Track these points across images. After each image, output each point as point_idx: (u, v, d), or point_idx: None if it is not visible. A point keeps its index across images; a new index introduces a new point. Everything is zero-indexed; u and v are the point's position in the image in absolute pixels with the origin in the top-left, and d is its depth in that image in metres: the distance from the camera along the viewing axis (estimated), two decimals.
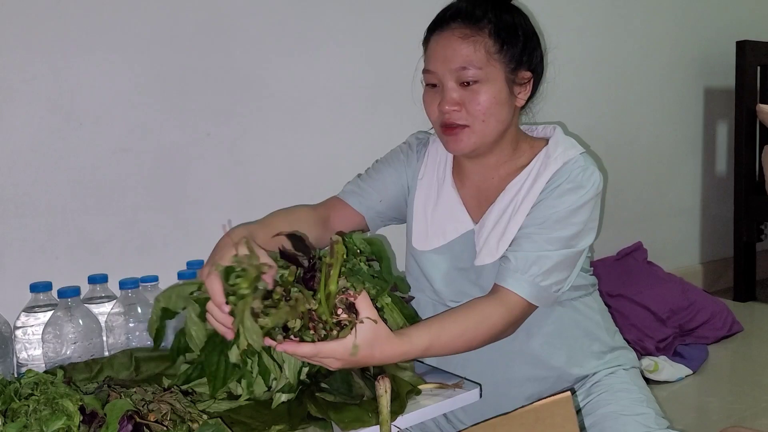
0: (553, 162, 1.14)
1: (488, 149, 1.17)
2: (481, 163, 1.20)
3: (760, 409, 1.80)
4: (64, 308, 1.20)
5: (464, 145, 1.14)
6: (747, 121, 2.71)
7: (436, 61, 1.13)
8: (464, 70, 1.11)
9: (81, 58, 1.43)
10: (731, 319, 2.34)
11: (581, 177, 1.12)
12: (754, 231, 2.74)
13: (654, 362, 2.01)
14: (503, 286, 1.08)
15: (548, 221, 1.10)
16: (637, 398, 1.13)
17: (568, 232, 1.10)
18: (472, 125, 1.12)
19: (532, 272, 1.07)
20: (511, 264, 1.08)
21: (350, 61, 1.83)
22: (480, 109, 1.11)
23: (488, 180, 1.21)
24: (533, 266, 1.07)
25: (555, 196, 1.11)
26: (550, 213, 1.10)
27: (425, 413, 0.98)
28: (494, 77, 1.12)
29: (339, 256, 0.87)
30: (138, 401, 0.85)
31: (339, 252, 0.87)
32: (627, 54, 2.55)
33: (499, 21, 1.12)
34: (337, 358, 0.89)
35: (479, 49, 1.11)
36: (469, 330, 1.03)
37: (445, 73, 1.12)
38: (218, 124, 1.62)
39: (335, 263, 0.87)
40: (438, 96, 1.14)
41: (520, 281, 1.07)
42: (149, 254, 1.52)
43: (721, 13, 2.87)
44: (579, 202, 1.11)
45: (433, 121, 1.17)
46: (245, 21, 1.66)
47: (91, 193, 1.45)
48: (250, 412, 0.96)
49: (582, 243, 1.13)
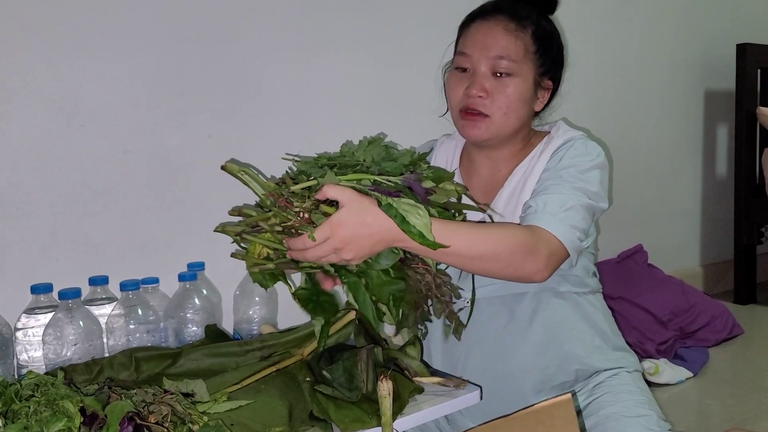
0: (556, 139, 1.19)
1: (500, 143, 1.20)
2: (491, 157, 1.23)
3: (761, 412, 1.80)
4: (64, 310, 1.20)
5: (480, 133, 1.16)
6: (747, 124, 2.71)
7: (474, 46, 1.16)
8: (501, 59, 1.14)
9: (83, 59, 1.43)
10: (732, 321, 2.34)
11: (587, 147, 1.16)
12: (754, 233, 2.73)
13: (654, 365, 2.01)
14: (533, 224, 1.05)
15: (566, 175, 1.11)
16: (639, 400, 1.14)
17: (587, 186, 1.11)
18: (492, 116, 1.15)
19: (555, 210, 1.06)
20: (533, 207, 1.07)
21: (352, 64, 1.84)
22: (506, 101, 1.14)
23: (497, 173, 1.24)
24: (555, 204, 1.06)
25: (566, 160, 1.13)
26: (567, 168, 1.12)
27: (425, 416, 0.99)
28: (525, 75, 1.16)
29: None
30: (138, 402, 0.85)
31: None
32: (628, 56, 2.55)
33: (539, 25, 1.18)
34: (332, 237, 0.87)
35: (519, 44, 1.15)
36: (491, 238, 0.97)
37: (480, 58, 1.15)
38: (219, 126, 1.62)
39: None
40: (465, 81, 1.17)
41: (546, 218, 1.05)
42: (150, 256, 1.52)
43: (721, 15, 2.87)
44: (590, 164, 1.13)
45: (453, 104, 1.19)
46: (247, 23, 1.66)
47: (92, 195, 1.45)
48: (251, 413, 0.96)
49: (597, 201, 1.12)
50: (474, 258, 0.97)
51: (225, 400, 0.97)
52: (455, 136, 1.33)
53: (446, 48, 1.34)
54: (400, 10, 1.92)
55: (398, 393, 0.98)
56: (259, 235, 0.94)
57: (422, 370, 1.04)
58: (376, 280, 0.93)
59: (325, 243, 0.88)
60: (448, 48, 1.33)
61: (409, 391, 1.00)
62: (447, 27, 2.03)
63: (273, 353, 1.15)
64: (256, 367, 1.09)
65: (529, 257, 1.01)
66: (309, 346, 1.15)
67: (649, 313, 2.16)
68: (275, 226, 0.92)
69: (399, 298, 0.93)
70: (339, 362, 1.00)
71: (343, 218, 0.87)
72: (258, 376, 1.07)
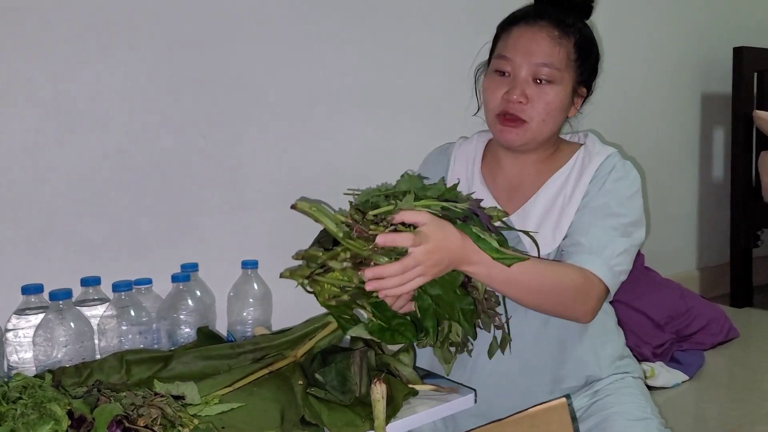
0: (596, 155, 1.19)
1: (533, 148, 1.20)
2: (520, 159, 1.23)
3: (758, 416, 1.79)
4: (55, 311, 1.19)
5: (518, 138, 1.16)
6: (744, 127, 2.71)
7: (517, 51, 1.15)
8: (544, 66, 1.14)
9: (77, 61, 1.42)
10: (728, 325, 2.34)
11: (625, 168, 1.17)
12: (751, 237, 2.73)
13: (651, 368, 2.00)
14: (582, 266, 1.07)
15: (608, 208, 1.13)
16: (642, 404, 1.15)
17: (627, 219, 1.13)
18: (530, 122, 1.15)
19: (606, 255, 1.09)
20: (585, 247, 1.09)
21: (348, 65, 1.83)
22: (545, 109, 1.14)
23: (524, 175, 1.23)
24: (606, 249, 1.09)
25: (608, 184, 1.15)
26: (608, 200, 1.13)
27: (418, 419, 0.98)
28: (565, 82, 1.16)
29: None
30: (128, 405, 0.84)
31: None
32: (625, 59, 2.55)
33: (583, 34, 1.19)
34: (417, 259, 0.88)
35: (562, 52, 1.15)
36: (549, 275, 1.02)
37: (523, 64, 1.15)
38: (214, 128, 1.61)
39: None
40: (505, 85, 1.16)
41: (597, 263, 1.08)
42: (143, 257, 1.50)
43: (719, 19, 2.87)
44: (631, 190, 1.15)
45: (491, 108, 1.18)
46: (243, 25, 1.65)
47: (85, 196, 1.44)
48: (242, 416, 0.95)
49: (638, 233, 1.15)
50: (532, 291, 1.01)
51: (216, 403, 0.96)
52: (474, 138, 1.32)
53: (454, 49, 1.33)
54: (397, 11, 1.92)
55: (392, 396, 0.97)
56: (328, 275, 0.95)
57: (414, 377, 1.03)
58: (445, 297, 0.96)
59: (410, 258, 0.88)
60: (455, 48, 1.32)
61: (403, 395, 1.00)
62: (445, 28, 2.04)
63: (266, 355, 1.14)
64: (249, 369, 1.08)
65: (580, 299, 1.06)
66: (302, 348, 1.14)
67: (646, 316, 2.16)
68: (345, 260, 0.93)
69: (470, 312, 0.98)
70: (332, 365, 0.99)
71: (423, 233, 0.89)
72: (250, 378, 1.06)
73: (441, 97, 2.01)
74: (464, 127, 1.49)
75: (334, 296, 0.95)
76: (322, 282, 0.96)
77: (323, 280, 0.95)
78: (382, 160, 1.90)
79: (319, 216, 0.94)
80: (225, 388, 1.02)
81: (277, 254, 1.69)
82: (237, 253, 1.56)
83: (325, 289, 0.96)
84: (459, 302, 0.97)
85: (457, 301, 0.97)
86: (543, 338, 1.17)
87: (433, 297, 0.95)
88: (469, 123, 1.37)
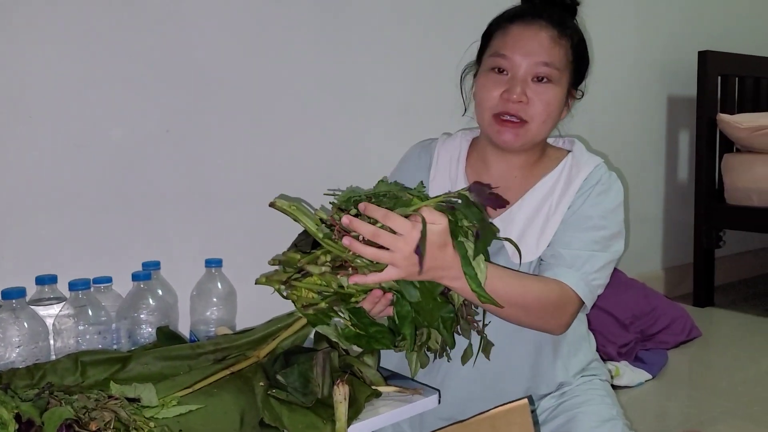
0: (585, 165, 1.18)
1: (527, 149, 1.19)
2: (508, 161, 1.21)
3: (717, 414, 1.82)
4: (8, 310, 1.15)
5: (517, 139, 1.14)
6: (708, 130, 2.76)
7: (517, 49, 1.13)
8: (545, 66, 1.12)
9: (30, 47, 1.37)
10: (690, 324, 2.38)
11: (610, 180, 1.17)
12: (713, 238, 2.78)
13: (616, 367, 2.02)
14: (560, 280, 1.08)
15: (590, 221, 1.13)
16: (608, 406, 1.15)
17: (608, 232, 1.13)
18: (531, 122, 1.13)
19: (585, 270, 1.09)
20: (566, 260, 1.09)
21: (317, 60, 1.81)
22: (545, 109, 1.13)
23: (510, 178, 1.21)
24: (586, 264, 1.09)
25: (593, 198, 1.15)
26: (591, 212, 1.13)
27: (381, 420, 0.97)
28: (563, 83, 1.16)
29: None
30: (79, 408, 0.81)
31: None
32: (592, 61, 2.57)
33: (579, 37, 1.19)
34: (402, 248, 0.86)
35: (561, 52, 1.14)
36: (530, 290, 1.03)
37: (522, 63, 1.12)
38: (178, 122, 1.58)
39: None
40: (502, 84, 1.13)
41: (576, 278, 1.08)
42: (103, 254, 1.47)
43: (683, 23, 2.92)
44: (614, 203, 1.15)
45: (487, 107, 1.15)
46: (206, 16, 1.62)
47: (41, 190, 1.40)
48: (201, 418, 0.93)
49: (617, 246, 1.15)
50: (511, 306, 1.01)
51: (174, 405, 0.94)
52: (458, 136, 1.30)
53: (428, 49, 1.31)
54: (369, 8, 1.90)
55: (354, 398, 0.96)
56: (305, 279, 0.92)
57: (378, 379, 1.02)
58: (425, 305, 0.95)
59: (404, 239, 0.86)
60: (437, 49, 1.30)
61: (365, 396, 0.98)
62: (417, 28, 2.03)
63: (227, 356, 1.12)
64: (209, 370, 1.05)
65: (556, 313, 1.07)
66: (265, 349, 1.12)
67: (612, 316, 2.18)
68: (325, 264, 0.90)
69: (450, 320, 0.97)
70: (294, 366, 0.98)
71: (432, 230, 0.88)
72: (211, 379, 1.03)
73: (412, 96, 2.00)
74: (435, 126, 1.49)
75: (311, 304, 0.93)
76: (300, 287, 0.93)
77: (301, 285, 0.92)
78: (350, 158, 1.88)
79: (298, 215, 0.91)
80: (184, 390, 0.99)
81: (242, 253, 1.67)
82: (200, 251, 1.53)
83: (302, 297, 0.94)
84: (439, 310, 0.96)
85: (437, 309, 0.96)
86: (518, 343, 1.16)
87: (413, 304, 0.94)
88: (441, 123, 1.37)
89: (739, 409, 1.85)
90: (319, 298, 0.93)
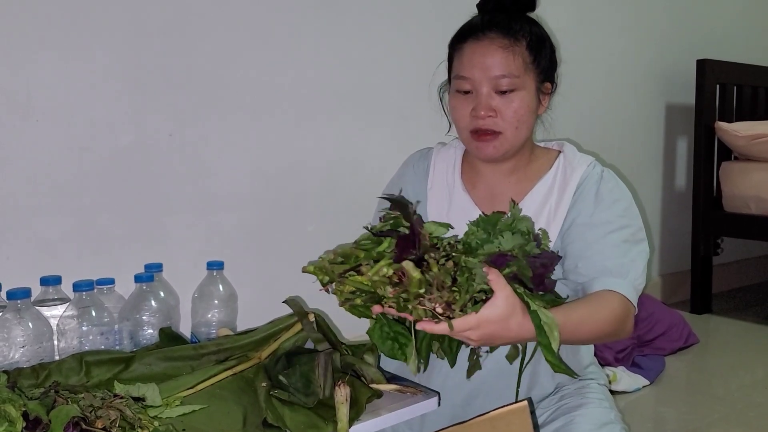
0: (578, 164, 1.21)
1: (511, 156, 1.21)
2: (497, 167, 1.23)
3: (714, 420, 1.84)
4: (13, 310, 1.16)
5: (496, 151, 1.17)
6: (706, 138, 2.78)
7: (473, 68, 1.15)
8: (503, 78, 1.14)
9: (39, 52, 1.39)
10: (688, 331, 2.39)
11: (610, 177, 1.20)
12: (711, 245, 2.80)
13: (613, 373, 2.04)
14: (611, 289, 1.10)
15: (611, 225, 1.15)
16: (606, 410, 1.16)
17: (632, 228, 1.16)
18: (504, 132, 1.16)
19: (631, 277, 1.12)
20: (612, 270, 1.11)
21: (318, 63, 1.82)
22: (515, 116, 1.15)
23: (503, 183, 1.24)
24: (631, 272, 1.12)
25: (607, 194, 1.17)
26: (609, 217, 1.16)
27: (382, 422, 0.98)
28: (528, 86, 1.17)
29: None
30: (86, 407, 0.82)
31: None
32: (591, 69, 2.59)
33: (532, 34, 1.18)
34: (473, 329, 0.88)
35: (517, 59, 1.15)
36: (592, 313, 1.05)
37: (482, 80, 1.15)
38: (181, 125, 1.59)
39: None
40: (470, 102, 1.16)
41: (628, 287, 1.11)
42: (106, 256, 1.48)
43: (682, 32, 2.94)
44: (626, 200, 1.20)
45: (462, 127, 1.19)
46: (211, 21, 1.64)
47: (46, 192, 1.41)
48: (204, 418, 0.94)
49: (644, 245, 1.17)
50: (578, 340, 1.07)
51: (178, 405, 0.95)
52: (453, 144, 1.32)
53: (433, 64, 1.32)
54: (369, 11, 1.92)
55: (355, 399, 0.97)
56: (352, 278, 0.91)
57: (379, 377, 1.03)
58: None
59: (462, 332, 0.88)
60: (430, 65, 1.32)
61: (366, 397, 0.99)
62: (416, 30, 2.05)
63: (229, 357, 1.13)
64: (212, 371, 1.06)
65: (622, 326, 1.10)
66: (266, 349, 1.13)
67: None
68: (383, 276, 0.88)
69: (457, 343, 0.99)
70: (296, 367, 0.99)
71: (492, 317, 0.88)
72: (213, 380, 1.04)
73: (410, 99, 2.02)
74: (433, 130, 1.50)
75: (347, 299, 0.93)
76: (347, 283, 0.92)
77: (350, 281, 0.91)
78: (350, 162, 1.90)
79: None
80: (187, 390, 1.00)
81: (243, 255, 1.69)
82: (202, 254, 1.55)
83: (344, 292, 0.93)
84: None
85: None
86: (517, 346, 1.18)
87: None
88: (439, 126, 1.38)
89: (735, 415, 1.86)
90: (358, 295, 0.92)
